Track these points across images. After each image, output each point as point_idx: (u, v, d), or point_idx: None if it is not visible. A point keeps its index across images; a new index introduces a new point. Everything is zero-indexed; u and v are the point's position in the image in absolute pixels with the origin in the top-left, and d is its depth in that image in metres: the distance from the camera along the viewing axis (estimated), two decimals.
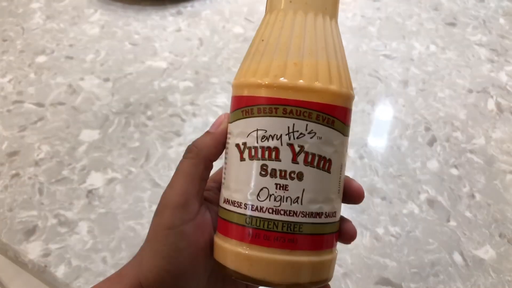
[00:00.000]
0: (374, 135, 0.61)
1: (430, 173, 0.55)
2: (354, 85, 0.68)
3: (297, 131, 0.23)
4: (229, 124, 0.27)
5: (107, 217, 0.50)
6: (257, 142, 0.24)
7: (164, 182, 0.54)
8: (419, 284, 0.45)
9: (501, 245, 0.48)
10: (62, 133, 0.60)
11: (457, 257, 0.47)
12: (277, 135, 0.23)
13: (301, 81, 0.24)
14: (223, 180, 0.27)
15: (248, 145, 0.24)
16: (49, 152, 0.58)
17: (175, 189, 0.27)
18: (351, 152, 0.58)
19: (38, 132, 0.60)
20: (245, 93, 0.25)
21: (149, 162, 0.56)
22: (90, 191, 0.53)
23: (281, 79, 0.24)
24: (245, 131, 0.25)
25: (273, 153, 0.24)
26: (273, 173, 0.24)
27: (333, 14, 0.26)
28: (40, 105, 0.64)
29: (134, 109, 0.64)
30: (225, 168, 0.27)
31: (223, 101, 0.65)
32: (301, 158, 0.24)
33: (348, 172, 0.55)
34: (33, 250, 0.47)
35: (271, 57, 0.24)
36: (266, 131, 0.24)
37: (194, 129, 0.61)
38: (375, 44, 0.77)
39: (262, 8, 0.86)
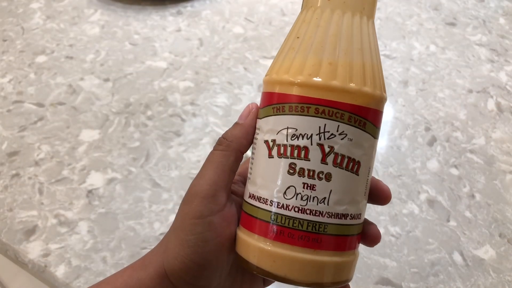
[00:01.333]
0: None
1: (430, 173, 0.55)
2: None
3: (328, 132, 0.23)
4: (259, 120, 0.26)
5: (107, 217, 0.50)
6: (287, 140, 0.24)
7: (164, 182, 0.54)
8: (419, 284, 0.45)
9: (501, 245, 0.48)
10: (62, 133, 0.60)
11: (457, 257, 0.47)
12: (307, 135, 0.23)
13: (335, 81, 0.23)
14: (249, 175, 0.27)
15: (277, 142, 0.24)
16: (49, 152, 0.58)
17: (205, 179, 0.27)
18: None
19: (38, 132, 0.60)
20: (277, 90, 0.25)
21: (149, 162, 0.56)
22: (90, 191, 0.53)
23: (315, 78, 0.23)
24: (275, 128, 0.25)
25: (303, 152, 0.23)
26: (301, 172, 0.23)
27: (371, 15, 0.26)
28: (40, 105, 0.64)
29: (134, 109, 0.64)
30: (252, 163, 0.26)
31: (223, 101, 0.65)
32: (330, 159, 0.23)
33: None
34: (33, 250, 0.47)
35: (306, 55, 0.24)
36: (296, 129, 0.24)
37: (194, 129, 0.61)
38: None
39: (262, 8, 0.86)
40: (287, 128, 0.24)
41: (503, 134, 0.61)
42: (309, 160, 0.23)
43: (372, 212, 0.51)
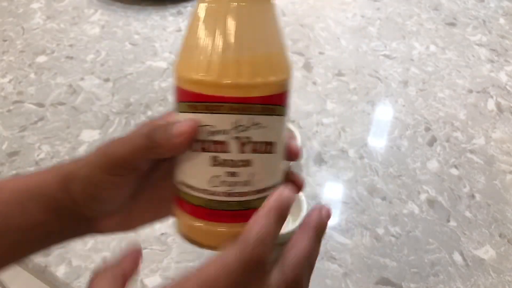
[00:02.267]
0: (374, 135, 0.61)
1: (430, 173, 0.56)
2: (354, 85, 0.68)
3: (243, 125, 0.25)
4: (177, 114, 0.27)
5: None
6: (208, 136, 0.25)
7: None
8: (419, 284, 0.45)
9: (501, 245, 0.48)
10: (62, 133, 0.60)
11: (457, 257, 0.47)
12: (224, 130, 0.25)
13: (242, 79, 0.25)
14: (177, 161, 0.28)
15: (199, 138, 0.26)
16: (49, 152, 0.58)
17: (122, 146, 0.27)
18: (351, 152, 0.58)
19: (38, 132, 0.60)
20: (188, 87, 0.26)
21: None
22: None
23: (225, 78, 0.25)
24: None
25: (223, 146, 0.25)
26: (224, 163, 0.26)
27: None
28: (40, 105, 0.64)
29: (134, 109, 0.64)
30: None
31: None
32: (248, 148, 0.25)
33: (348, 172, 0.55)
34: None
35: (212, 53, 0.25)
36: (214, 126, 0.25)
37: None
38: (375, 44, 0.77)
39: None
40: (206, 125, 0.25)
41: (503, 134, 0.61)
42: (230, 152, 0.25)
43: (372, 213, 0.51)
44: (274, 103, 0.26)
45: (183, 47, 0.27)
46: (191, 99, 0.26)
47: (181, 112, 0.27)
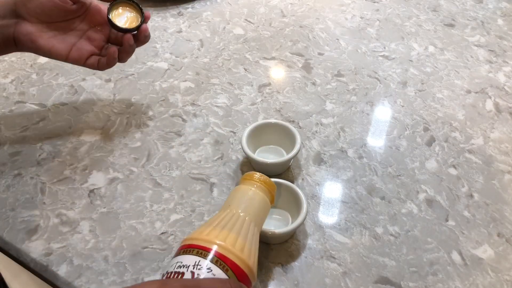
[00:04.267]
0: (373, 135, 0.61)
1: (429, 173, 0.56)
2: (353, 86, 0.69)
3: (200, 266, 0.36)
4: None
5: (109, 216, 0.51)
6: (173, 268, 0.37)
7: (165, 182, 0.54)
8: (418, 283, 0.45)
9: (499, 245, 0.49)
10: (64, 133, 0.61)
11: (456, 256, 0.48)
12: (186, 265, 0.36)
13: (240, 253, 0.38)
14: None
15: (169, 271, 0.37)
16: (51, 152, 0.58)
17: None
18: (350, 152, 0.58)
19: (40, 132, 0.61)
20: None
21: (150, 162, 0.57)
22: (91, 191, 0.53)
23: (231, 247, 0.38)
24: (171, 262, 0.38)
25: (179, 276, 0.35)
26: None
27: (258, 224, 0.42)
28: (42, 105, 0.65)
29: (135, 110, 0.64)
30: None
31: (223, 102, 0.66)
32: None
33: (348, 172, 0.56)
34: (35, 249, 0.48)
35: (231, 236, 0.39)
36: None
37: (195, 129, 0.61)
38: (374, 45, 0.77)
39: (262, 9, 0.86)
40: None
41: (501, 134, 0.61)
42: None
43: (371, 212, 0.51)
44: (228, 265, 0.37)
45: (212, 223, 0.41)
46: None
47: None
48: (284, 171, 0.56)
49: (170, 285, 0.33)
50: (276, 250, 0.48)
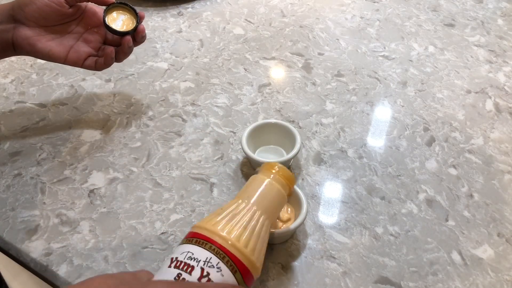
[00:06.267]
0: (373, 135, 0.61)
1: (429, 173, 0.56)
2: (353, 86, 0.69)
3: (211, 263, 0.35)
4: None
5: (109, 216, 0.51)
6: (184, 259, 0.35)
7: (165, 182, 0.54)
8: (418, 283, 0.45)
9: (499, 245, 0.49)
10: (64, 133, 0.61)
11: (456, 256, 0.48)
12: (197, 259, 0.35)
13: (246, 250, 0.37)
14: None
15: (178, 259, 0.35)
16: (51, 152, 0.58)
17: None
18: (350, 152, 0.58)
19: (40, 132, 0.61)
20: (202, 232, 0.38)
21: (150, 162, 0.57)
22: (91, 191, 0.53)
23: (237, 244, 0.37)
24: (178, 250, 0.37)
25: (189, 269, 0.34)
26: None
27: (271, 218, 0.41)
28: (42, 105, 0.65)
29: (135, 110, 0.64)
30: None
31: (223, 102, 0.66)
32: (204, 280, 0.34)
33: (348, 172, 0.56)
34: (35, 249, 0.48)
35: (240, 231, 0.38)
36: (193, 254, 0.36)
37: (195, 129, 0.61)
38: (374, 45, 0.77)
39: (262, 9, 0.86)
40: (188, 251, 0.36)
41: (501, 134, 0.61)
42: (191, 275, 0.34)
43: (371, 212, 0.51)
44: (238, 266, 0.37)
45: (221, 213, 0.40)
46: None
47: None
48: None
49: None
50: (276, 250, 0.48)
